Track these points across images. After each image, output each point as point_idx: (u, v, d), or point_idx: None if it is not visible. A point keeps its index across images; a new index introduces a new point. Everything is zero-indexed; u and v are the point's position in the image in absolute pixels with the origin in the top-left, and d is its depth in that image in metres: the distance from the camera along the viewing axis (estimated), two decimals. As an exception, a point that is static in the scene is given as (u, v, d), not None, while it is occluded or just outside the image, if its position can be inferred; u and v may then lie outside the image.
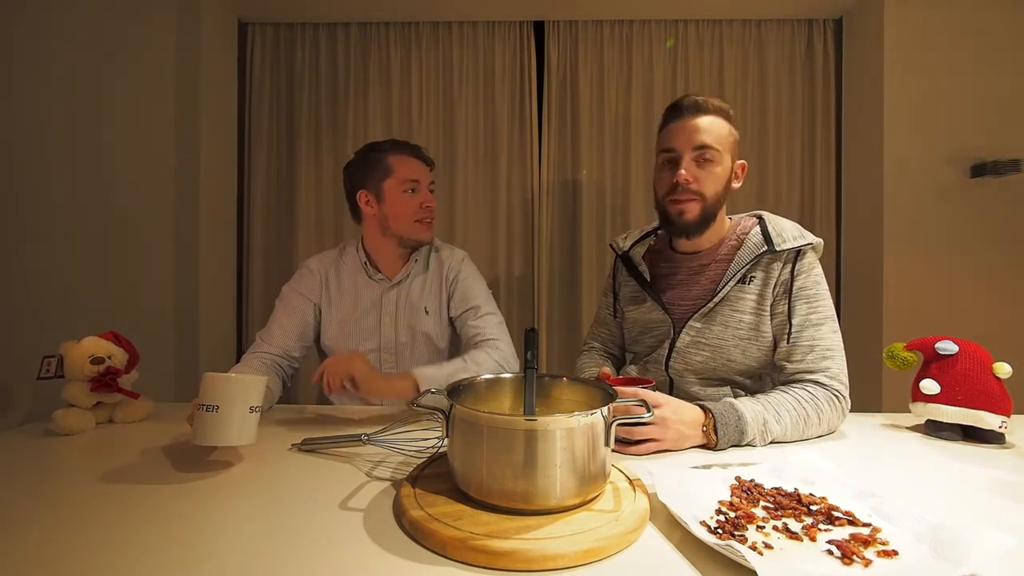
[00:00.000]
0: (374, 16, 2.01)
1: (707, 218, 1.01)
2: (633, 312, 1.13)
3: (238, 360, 1.14)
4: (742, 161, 1.04)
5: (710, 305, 0.99)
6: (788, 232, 0.97)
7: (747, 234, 1.02)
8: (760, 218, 1.04)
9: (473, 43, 2.03)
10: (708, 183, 0.98)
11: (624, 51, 2.01)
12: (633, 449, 0.78)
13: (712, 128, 0.98)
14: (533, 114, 2.01)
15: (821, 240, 0.99)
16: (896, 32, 1.77)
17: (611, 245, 1.19)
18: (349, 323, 1.24)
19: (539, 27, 2.03)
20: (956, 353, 0.88)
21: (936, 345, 0.90)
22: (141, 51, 1.69)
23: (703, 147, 0.98)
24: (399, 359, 1.24)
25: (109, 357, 0.93)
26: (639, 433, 0.78)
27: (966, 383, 0.85)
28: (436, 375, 1.04)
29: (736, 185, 1.04)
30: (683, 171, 0.98)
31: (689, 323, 1.01)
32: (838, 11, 1.97)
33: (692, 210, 0.99)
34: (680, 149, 0.99)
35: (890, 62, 1.77)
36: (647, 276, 1.09)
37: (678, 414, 0.79)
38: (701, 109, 0.99)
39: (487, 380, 0.72)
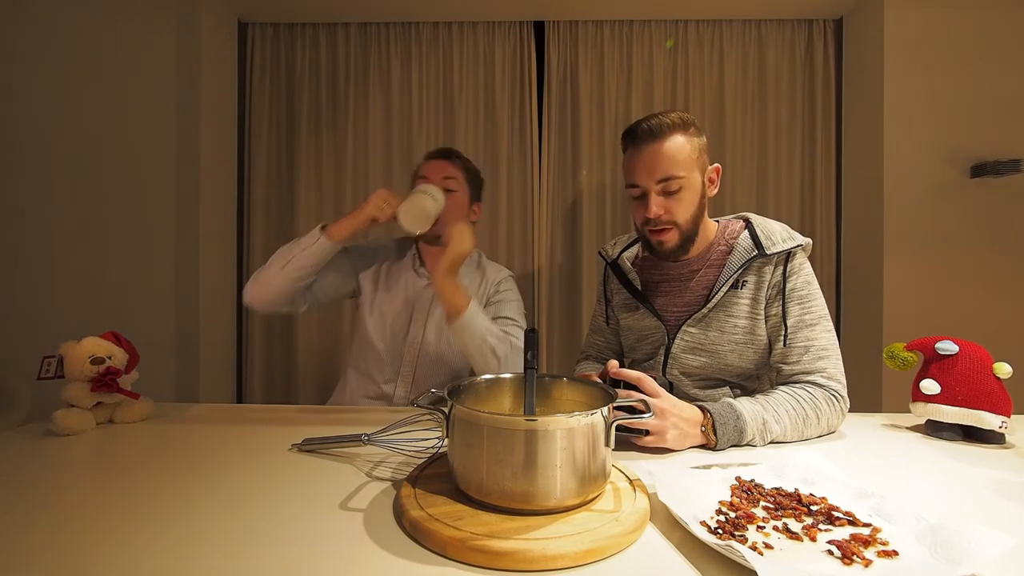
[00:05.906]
0: (374, 16, 2.01)
1: (688, 238, 1.01)
2: (627, 320, 1.12)
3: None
4: (714, 165, 1.02)
5: (704, 311, 0.99)
6: (777, 235, 0.97)
7: (736, 239, 1.01)
8: (747, 221, 1.03)
9: (473, 43, 2.03)
10: (680, 211, 0.97)
11: (624, 51, 2.01)
12: (633, 440, 0.78)
13: (672, 152, 0.95)
14: (533, 114, 2.00)
15: (809, 240, 0.99)
16: (896, 32, 1.77)
17: (600, 252, 1.19)
18: (384, 307, 1.29)
19: (539, 27, 2.03)
20: (956, 353, 0.88)
21: (936, 345, 0.90)
22: (141, 51, 1.69)
23: (667, 178, 0.95)
24: (421, 356, 1.26)
25: (109, 357, 0.93)
26: (635, 423, 0.77)
27: (966, 383, 0.85)
28: (481, 320, 1.07)
29: (713, 191, 1.02)
30: (653, 207, 0.96)
31: (683, 329, 1.01)
32: (838, 11, 1.96)
33: (671, 239, 0.99)
34: (644, 185, 0.97)
35: (890, 62, 1.77)
36: (638, 285, 1.08)
37: (677, 407, 0.80)
38: (656, 134, 0.95)
39: (487, 380, 0.72)
